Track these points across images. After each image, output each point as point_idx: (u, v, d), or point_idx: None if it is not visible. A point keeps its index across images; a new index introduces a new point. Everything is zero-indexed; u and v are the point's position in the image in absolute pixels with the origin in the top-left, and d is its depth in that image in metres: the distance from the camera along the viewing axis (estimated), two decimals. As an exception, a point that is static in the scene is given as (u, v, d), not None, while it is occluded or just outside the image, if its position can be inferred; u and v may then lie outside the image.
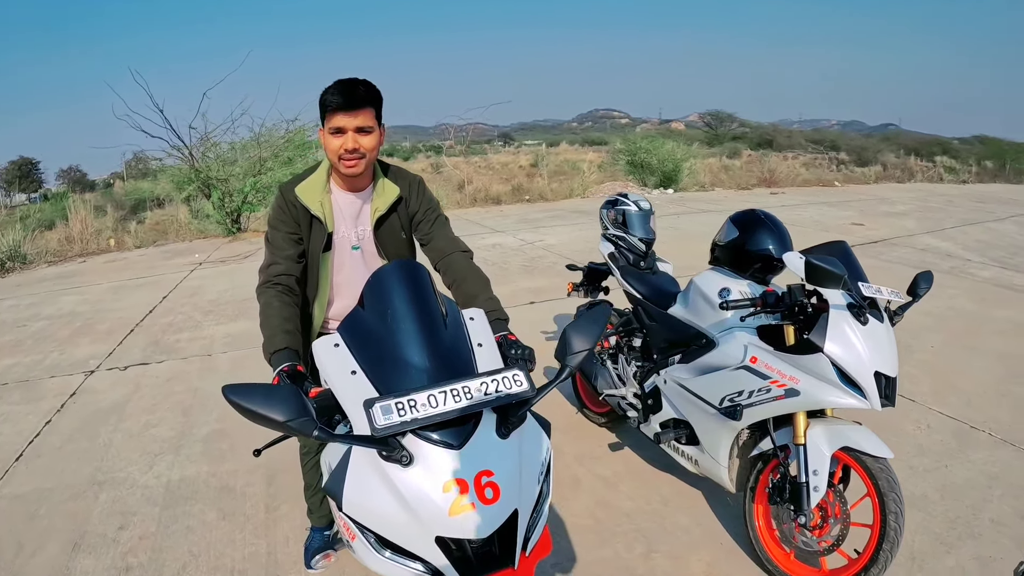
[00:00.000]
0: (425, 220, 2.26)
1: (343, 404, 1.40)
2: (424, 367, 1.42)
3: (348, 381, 1.42)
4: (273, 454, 3.51)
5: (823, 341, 2.23)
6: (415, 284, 1.57)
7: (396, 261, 1.69)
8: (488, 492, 1.29)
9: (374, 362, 1.44)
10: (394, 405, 1.28)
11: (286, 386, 1.31)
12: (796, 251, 2.40)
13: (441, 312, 1.56)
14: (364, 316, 1.56)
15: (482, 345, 1.56)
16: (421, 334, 1.47)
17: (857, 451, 2.28)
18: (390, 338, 1.47)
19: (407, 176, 2.28)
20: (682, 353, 2.93)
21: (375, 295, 1.56)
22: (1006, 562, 2.68)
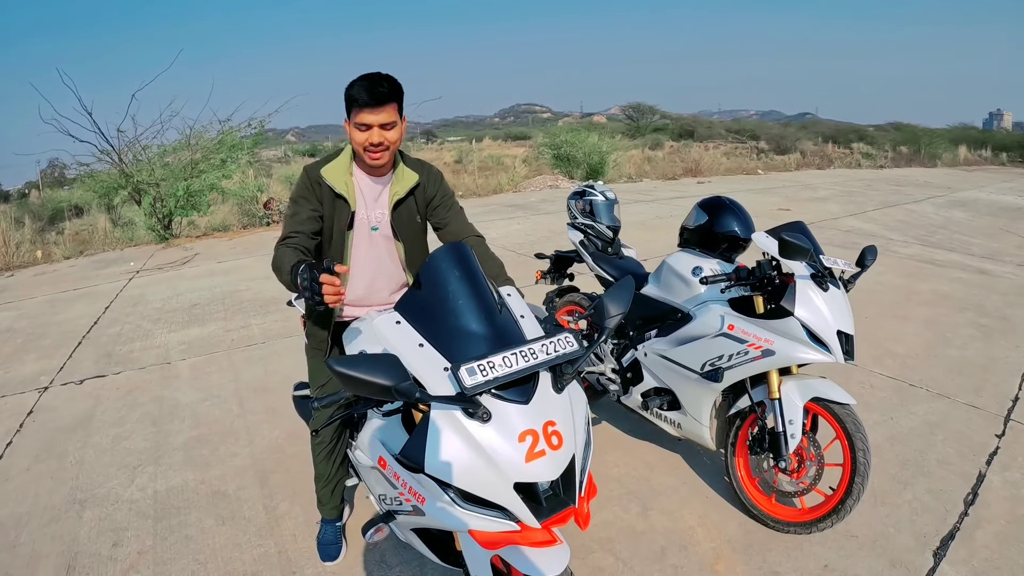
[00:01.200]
0: (442, 206, 2.42)
1: (416, 373, 1.53)
2: (485, 336, 1.61)
3: (418, 353, 1.60)
4: (261, 455, 3.53)
5: (793, 306, 2.58)
6: (468, 264, 1.75)
7: (448, 244, 1.81)
8: (554, 439, 1.51)
9: (439, 335, 1.63)
10: (477, 367, 1.47)
11: (386, 355, 1.45)
12: (760, 231, 2.76)
13: (491, 289, 1.73)
14: (421, 295, 1.73)
15: (524, 317, 1.78)
16: (479, 308, 1.66)
17: (826, 400, 2.63)
18: (451, 313, 1.65)
19: (425, 165, 2.42)
20: (657, 328, 3.20)
21: (433, 275, 1.73)
22: (955, 493, 3.10)
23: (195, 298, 7.20)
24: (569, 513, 1.56)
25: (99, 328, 6.31)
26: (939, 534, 2.81)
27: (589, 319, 3.63)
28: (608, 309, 1.76)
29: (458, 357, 1.53)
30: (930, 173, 22.09)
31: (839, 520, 2.61)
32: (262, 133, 13.00)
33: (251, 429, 3.94)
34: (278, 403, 4.25)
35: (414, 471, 1.58)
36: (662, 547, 2.77)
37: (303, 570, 2.67)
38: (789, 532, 2.76)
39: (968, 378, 4.45)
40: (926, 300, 6.31)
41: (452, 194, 2.49)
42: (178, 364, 5.12)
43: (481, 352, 1.54)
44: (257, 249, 10.12)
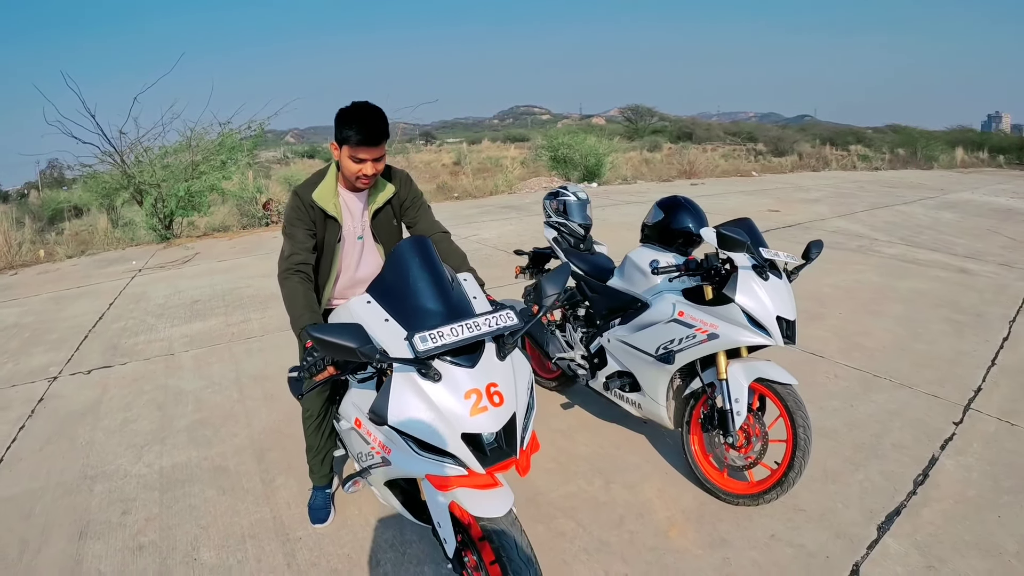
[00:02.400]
0: (412, 207, 2.73)
1: (381, 342, 1.85)
2: (439, 312, 1.92)
3: (383, 326, 1.93)
4: (259, 436, 3.78)
5: (734, 294, 2.83)
6: (427, 254, 2.06)
7: (410, 237, 2.17)
8: (496, 398, 1.82)
9: (401, 311, 1.95)
10: (428, 336, 1.79)
11: (352, 324, 1.76)
12: (710, 227, 3.01)
13: (446, 274, 2.04)
14: (387, 279, 2.06)
15: (476, 298, 2.09)
16: (435, 290, 1.97)
17: (768, 380, 2.86)
18: (411, 294, 1.96)
19: (398, 173, 2.71)
20: (621, 317, 3.47)
21: (397, 263, 2.05)
22: (907, 475, 3.31)
23: (196, 295, 7.44)
24: (510, 463, 1.88)
25: (104, 323, 6.55)
26: (885, 510, 3.01)
27: (563, 309, 3.92)
28: (545, 290, 2.08)
29: (415, 329, 1.84)
30: (925, 175, 22.17)
31: (783, 492, 2.86)
32: (261, 135, 13.24)
33: (250, 413, 4.20)
34: (276, 390, 4.51)
35: (380, 424, 1.87)
36: (621, 515, 3.03)
37: (295, 532, 2.95)
38: (739, 504, 3.01)
39: (933, 370, 4.63)
40: (902, 297, 6.47)
41: (421, 195, 2.81)
42: (181, 356, 5.37)
43: (435, 324, 1.85)
44: (256, 248, 10.37)
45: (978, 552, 2.74)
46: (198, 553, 2.83)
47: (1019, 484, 3.23)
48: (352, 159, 2.41)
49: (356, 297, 2.11)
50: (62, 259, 10.97)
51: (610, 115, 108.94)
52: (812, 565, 2.67)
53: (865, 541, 2.82)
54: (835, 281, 7.07)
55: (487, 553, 1.99)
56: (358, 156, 2.39)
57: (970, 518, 2.97)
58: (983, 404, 4.11)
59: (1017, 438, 3.68)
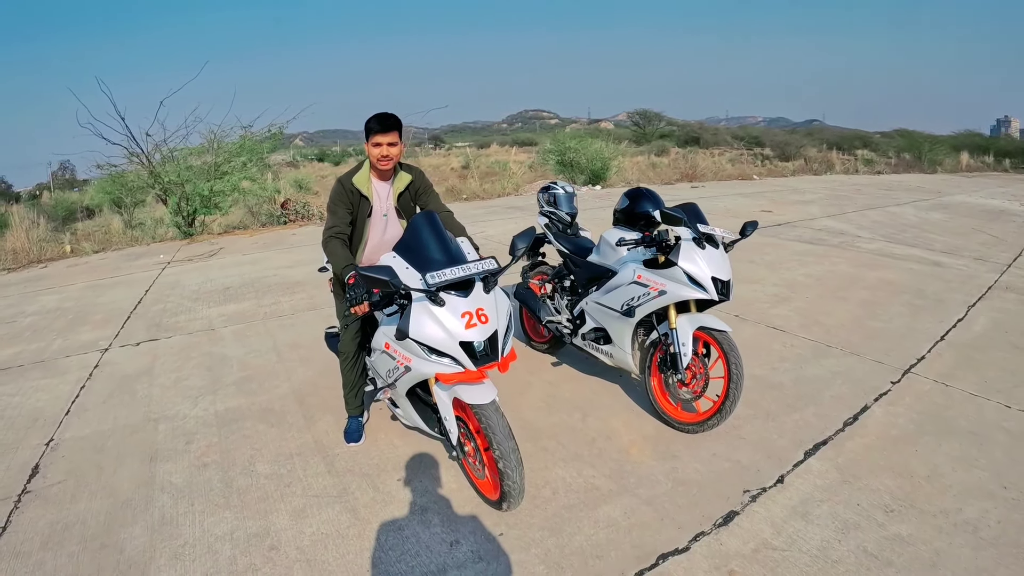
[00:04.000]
0: (424, 193, 3.54)
1: (405, 281, 2.65)
2: (443, 261, 2.72)
3: (405, 272, 2.72)
4: (299, 386, 4.47)
5: (677, 259, 3.53)
6: (434, 222, 2.88)
7: (422, 212, 3.07)
8: (483, 318, 2.66)
9: (416, 261, 2.75)
10: (436, 274, 2.62)
11: (385, 266, 2.56)
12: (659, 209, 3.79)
13: (448, 236, 2.85)
14: (407, 240, 2.86)
15: (469, 254, 2.87)
16: (440, 246, 2.77)
17: (708, 327, 3.55)
18: (424, 249, 2.76)
19: (413, 168, 3.52)
20: (597, 285, 4.19)
21: (413, 229, 2.87)
22: (838, 417, 3.92)
23: (227, 283, 8.13)
24: (494, 364, 2.72)
25: (144, 306, 7.17)
26: (814, 441, 3.63)
27: (552, 281, 4.64)
28: (515, 244, 2.90)
29: (427, 271, 2.66)
30: (926, 179, 22.37)
31: (723, 419, 3.57)
32: (280, 137, 13.87)
33: (289, 371, 4.90)
34: (311, 354, 5.22)
35: (403, 339, 2.67)
36: (592, 438, 3.76)
37: (333, 450, 3.66)
38: (689, 431, 3.71)
39: (883, 343, 5.13)
40: (870, 285, 6.91)
41: (431, 185, 3.63)
42: (221, 330, 6.07)
43: (439, 268, 2.67)
44: (276, 244, 11.01)
45: (891, 474, 3.29)
46: (254, 467, 3.52)
47: (941, 429, 3.76)
48: (373, 145, 3.23)
49: (386, 254, 2.91)
50: (88, 254, 11.55)
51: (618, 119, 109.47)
52: (744, 474, 3.33)
53: (792, 461, 3.45)
54: (809, 271, 7.61)
55: (482, 441, 2.83)
56: (376, 141, 3.22)
57: (888, 450, 3.52)
58: (923, 370, 4.59)
59: (948, 396, 4.18)
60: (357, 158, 43.34)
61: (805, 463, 3.42)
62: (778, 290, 6.71)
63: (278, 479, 3.38)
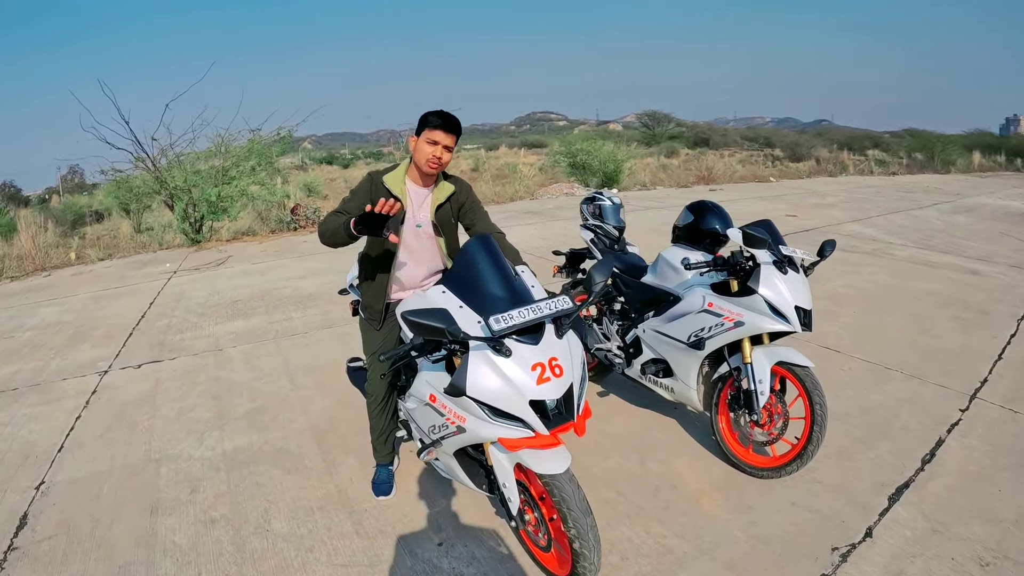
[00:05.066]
0: (471, 211, 3.05)
1: (461, 324, 2.15)
2: (506, 299, 2.26)
3: (459, 312, 2.25)
4: (316, 421, 4.06)
5: (758, 286, 3.17)
6: (492, 249, 2.41)
7: (477, 236, 2.52)
8: (556, 370, 2.18)
9: (473, 299, 2.29)
10: (500, 318, 2.14)
11: (438, 308, 2.09)
12: (735, 227, 3.36)
13: (509, 266, 2.38)
14: (459, 272, 2.40)
15: (534, 287, 2.42)
16: (500, 280, 2.31)
17: (788, 363, 3.20)
18: (481, 284, 2.30)
19: (458, 180, 3.05)
20: (655, 310, 3.80)
21: (467, 258, 2.40)
22: (915, 453, 3.59)
23: (235, 295, 7.75)
24: (569, 425, 2.22)
25: (147, 321, 6.82)
26: (895, 483, 3.30)
27: (598, 304, 4.25)
28: (594, 279, 2.42)
29: (488, 313, 2.19)
30: (941, 179, 22.20)
31: (803, 464, 3.18)
32: (289, 140, 13.58)
33: (304, 401, 4.50)
34: (327, 379, 4.81)
35: (458, 396, 2.20)
36: (656, 486, 3.34)
37: (361, 504, 3.23)
38: (763, 476, 3.32)
39: (941, 363, 4.85)
40: (913, 297, 6.68)
41: (479, 202, 3.13)
42: (229, 351, 5.67)
43: (503, 309, 2.19)
44: (288, 252, 10.65)
45: (978, 519, 3.01)
46: (270, 524, 3.10)
47: (1018, 462, 3.50)
48: (428, 142, 2.77)
49: (433, 288, 2.42)
50: (94, 261, 11.26)
51: (626, 121, 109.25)
52: (829, 527, 2.96)
53: (877, 509, 3.09)
54: (849, 282, 7.32)
55: (547, 509, 2.38)
56: (434, 138, 2.76)
57: (971, 491, 3.24)
58: (988, 394, 4.34)
59: (1018, 424, 3.93)
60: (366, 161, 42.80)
61: (891, 511, 3.09)
62: (822, 303, 6.32)
63: (298, 541, 2.97)
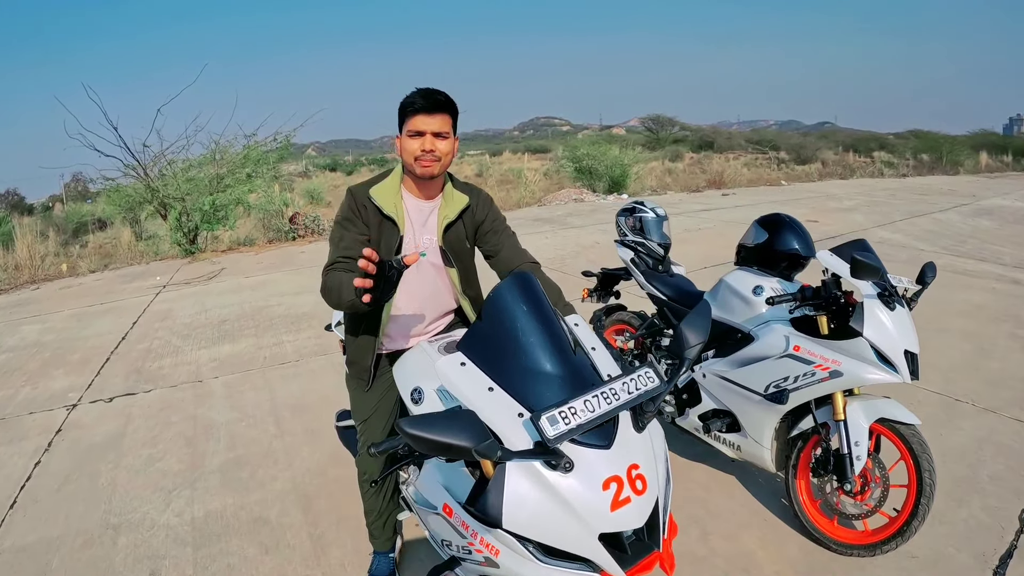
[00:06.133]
0: (492, 231, 2.32)
1: (489, 421, 1.42)
2: (560, 376, 1.51)
3: (488, 398, 1.49)
4: (302, 479, 3.45)
5: (862, 327, 2.56)
6: (536, 297, 1.65)
7: (513, 275, 1.73)
8: (638, 483, 1.42)
9: (510, 376, 1.53)
10: (558, 415, 1.36)
11: (463, 412, 1.37)
12: (824, 250, 2.77)
13: (560, 323, 1.64)
14: (487, 332, 1.63)
15: (595, 349, 1.68)
16: (551, 345, 1.56)
17: (891, 420, 2.62)
18: (522, 352, 1.54)
19: (475, 188, 2.33)
20: (715, 348, 3.17)
21: (499, 310, 1.62)
22: (1010, 510, 3.10)
23: (224, 314, 7.19)
24: (654, 559, 1.46)
25: (127, 343, 6.32)
26: (997, 552, 2.77)
27: (640, 339, 3.61)
28: (687, 338, 1.60)
29: (533, 401, 1.46)
30: (952, 181, 21.85)
31: (904, 542, 2.59)
32: (287, 147, 13.09)
33: (290, 451, 3.87)
34: (317, 423, 4.18)
35: (492, 527, 1.45)
36: (724, 572, 2.71)
37: None
38: (852, 555, 2.72)
39: (1011, 391, 4.39)
40: (962, 311, 6.23)
41: (503, 218, 2.38)
42: (210, 382, 5.08)
43: (558, 395, 1.45)
44: (284, 264, 10.14)
45: None
46: (239, 625, 2.49)
47: None
48: (410, 135, 2.05)
49: (446, 358, 1.62)
50: (85, 273, 10.88)
51: (630, 125, 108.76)
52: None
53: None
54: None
55: None
56: (416, 128, 2.03)
57: None
58: None
59: None
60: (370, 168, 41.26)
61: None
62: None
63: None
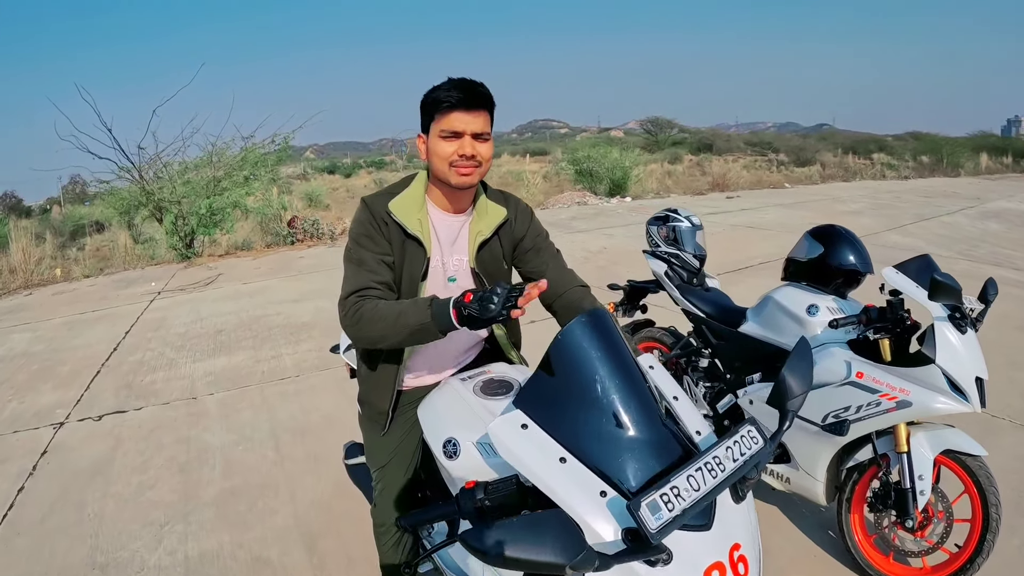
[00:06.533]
0: (534, 249, 1.97)
1: (562, 503, 1.13)
2: (648, 441, 1.22)
3: (560, 472, 1.17)
4: (305, 514, 3.15)
5: (934, 353, 2.36)
6: (614, 342, 1.32)
7: (586, 315, 1.37)
8: (741, 567, 1.16)
9: (587, 444, 1.21)
10: (659, 499, 1.06)
11: (550, 514, 1.02)
12: (890, 267, 2.56)
13: (641, 371, 1.33)
14: (553, 386, 1.28)
15: (678, 399, 1.41)
16: (636, 402, 1.25)
17: (956, 452, 2.44)
18: (601, 412, 1.23)
19: (511, 198, 1.98)
20: (761, 372, 2.94)
21: (569, 359, 1.29)
22: None
23: (220, 323, 6.90)
24: None
25: (119, 355, 6.05)
26: None
27: (675, 360, 3.33)
28: (791, 387, 1.32)
29: (619, 475, 1.16)
30: (954, 183, 21.72)
31: None
32: (286, 149, 12.82)
33: (292, 480, 3.56)
34: (319, 448, 3.87)
35: None
36: None
37: None
38: None
39: None
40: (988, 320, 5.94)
41: (546, 233, 2.04)
42: (205, 399, 4.79)
43: (648, 465, 1.17)
44: (283, 269, 9.87)
45: None
46: None
47: None
48: (444, 137, 1.70)
49: (502, 419, 1.25)
50: (79, 278, 10.65)
51: (628, 127, 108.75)
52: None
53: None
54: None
55: None
56: (452, 128, 1.68)
57: None
58: None
59: None
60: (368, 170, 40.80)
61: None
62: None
63: None
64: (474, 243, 1.86)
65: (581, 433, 1.21)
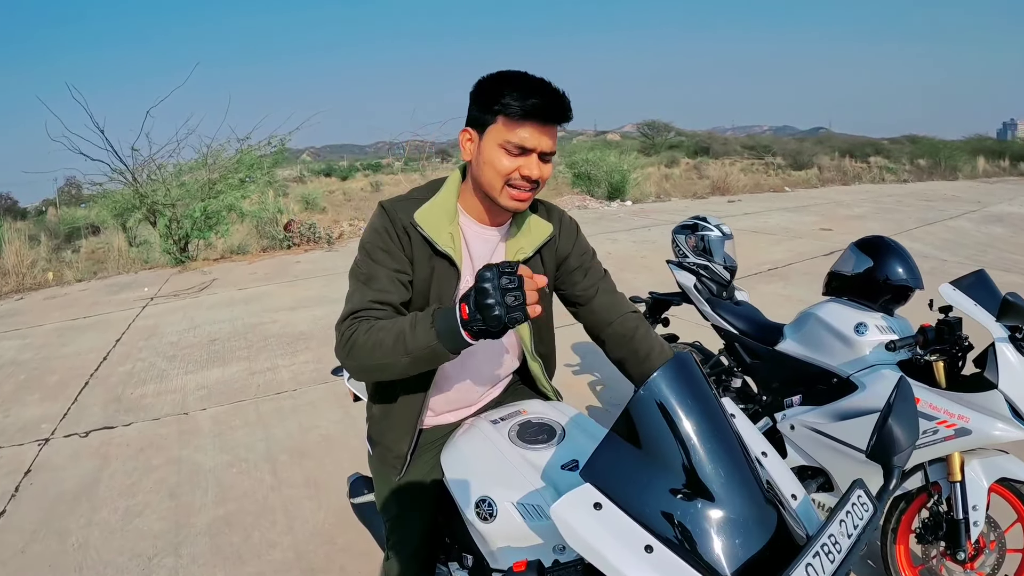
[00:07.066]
0: (580, 269, 1.70)
1: None
2: (748, 518, 0.98)
3: (646, 563, 0.91)
4: (305, 547, 2.94)
5: (997, 378, 2.18)
6: (703, 394, 1.08)
7: (671, 363, 1.10)
8: None
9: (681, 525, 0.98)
10: None
11: None
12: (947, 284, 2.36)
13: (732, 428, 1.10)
14: (634, 453, 1.02)
15: (767, 455, 1.19)
16: (733, 471, 1.01)
17: (1012, 480, 2.28)
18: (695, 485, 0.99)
19: (555, 210, 1.72)
20: (802, 394, 2.76)
21: (654, 422, 1.03)
22: None
23: (214, 331, 6.66)
24: None
25: (109, 365, 5.81)
26: None
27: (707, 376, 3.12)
28: (900, 440, 1.10)
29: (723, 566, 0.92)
30: (953, 186, 21.64)
31: None
32: (282, 152, 12.58)
33: (289, 507, 3.32)
34: (319, 471, 3.64)
35: None
36: None
37: None
38: None
39: None
40: None
41: (593, 252, 1.76)
42: (197, 415, 4.55)
43: (747, 547, 0.94)
44: (279, 275, 9.64)
45: None
46: None
47: None
48: (507, 149, 1.40)
49: (569, 498, 0.96)
50: (71, 282, 10.41)
51: (624, 130, 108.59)
52: None
53: None
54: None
55: None
56: (522, 142, 1.39)
57: None
58: None
59: None
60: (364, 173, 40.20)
61: None
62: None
63: None
64: None
65: (670, 512, 0.97)
